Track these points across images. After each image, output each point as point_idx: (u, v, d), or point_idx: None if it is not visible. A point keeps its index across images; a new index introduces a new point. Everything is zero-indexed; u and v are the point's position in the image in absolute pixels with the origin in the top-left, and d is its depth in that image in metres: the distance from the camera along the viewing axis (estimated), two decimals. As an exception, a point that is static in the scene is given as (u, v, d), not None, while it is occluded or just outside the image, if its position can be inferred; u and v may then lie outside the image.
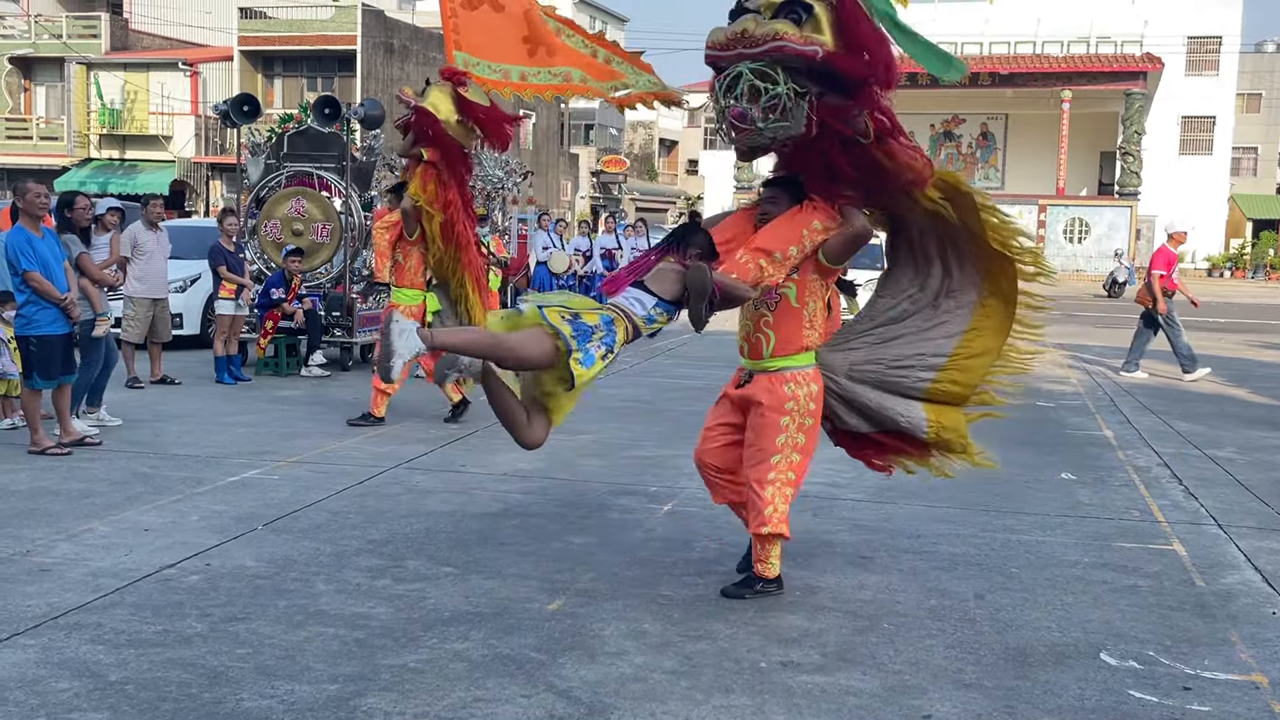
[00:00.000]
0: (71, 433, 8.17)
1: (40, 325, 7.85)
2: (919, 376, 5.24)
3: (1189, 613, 5.18)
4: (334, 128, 13.15)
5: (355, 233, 13.05)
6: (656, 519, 6.61)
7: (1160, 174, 45.58)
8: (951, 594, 5.36)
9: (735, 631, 4.76)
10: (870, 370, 5.26)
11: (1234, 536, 6.53)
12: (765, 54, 4.76)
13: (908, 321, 5.35)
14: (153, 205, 11.59)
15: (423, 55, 40.31)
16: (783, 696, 4.13)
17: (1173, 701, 4.18)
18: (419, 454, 8.20)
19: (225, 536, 5.96)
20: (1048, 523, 6.74)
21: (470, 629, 4.71)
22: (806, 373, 5.13)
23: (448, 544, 5.96)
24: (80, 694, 3.98)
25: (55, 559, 5.51)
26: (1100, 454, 8.99)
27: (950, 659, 4.54)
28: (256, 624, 4.70)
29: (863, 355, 5.30)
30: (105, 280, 9.05)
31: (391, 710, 3.91)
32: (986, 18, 46.72)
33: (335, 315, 12.76)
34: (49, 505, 6.53)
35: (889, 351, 5.29)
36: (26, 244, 7.76)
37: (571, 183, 49.78)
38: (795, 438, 5.09)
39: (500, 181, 16.25)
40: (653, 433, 9.31)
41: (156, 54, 40.10)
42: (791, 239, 4.97)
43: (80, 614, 4.76)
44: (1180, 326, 13.80)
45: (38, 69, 40.04)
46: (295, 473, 7.51)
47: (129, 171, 38.09)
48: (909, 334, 5.33)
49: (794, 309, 5.11)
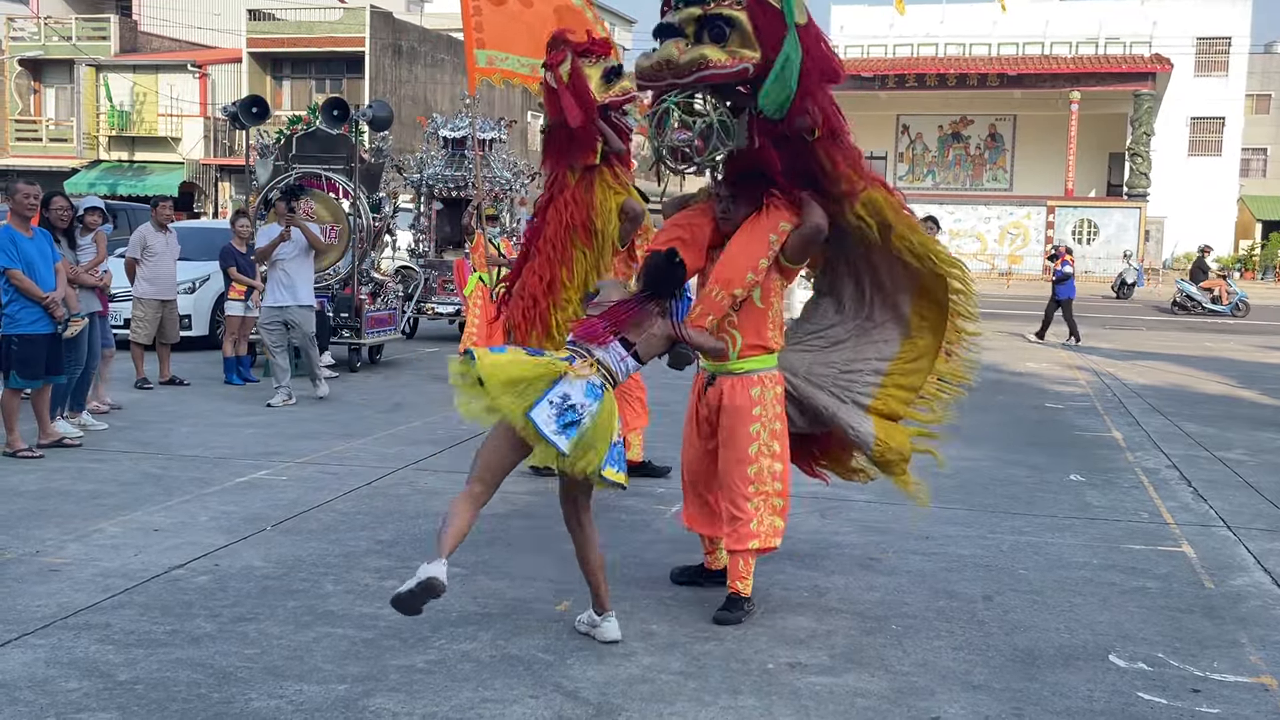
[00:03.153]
0: (50, 434, 8.17)
1: (22, 324, 7.82)
2: (868, 381, 5.23)
3: (1198, 615, 5.17)
4: (343, 129, 13.16)
5: (364, 234, 13.06)
6: (664, 520, 6.60)
7: (1169, 175, 45.46)
8: (960, 595, 5.35)
9: (743, 633, 4.76)
10: (825, 374, 5.24)
11: (1243, 538, 6.51)
12: (693, 83, 4.75)
13: (852, 325, 5.35)
14: (162, 207, 11.62)
15: (431, 57, 40.36)
16: (790, 698, 4.12)
17: (1181, 704, 4.17)
18: (427, 455, 8.21)
19: (234, 537, 5.98)
20: (1056, 524, 6.73)
21: (478, 630, 4.71)
22: (772, 374, 5.05)
23: (456, 545, 5.95)
24: (89, 694, 3.99)
25: (65, 559, 5.52)
26: (1109, 456, 8.97)
27: (959, 660, 4.53)
28: (265, 624, 4.71)
29: (815, 359, 5.28)
30: (86, 281, 8.95)
31: (400, 711, 3.92)
32: (995, 19, 46.63)
33: (344, 316, 12.78)
34: (58, 506, 6.55)
35: (840, 355, 5.29)
36: (10, 243, 7.74)
37: (579, 184, 49.73)
38: (769, 444, 4.98)
39: (508, 183, 16.24)
40: (659, 433, 9.29)
41: (165, 56, 40.21)
42: (759, 252, 4.92)
43: (89, 614, 4.77)
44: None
45: (47, 71, 40.18)
46: (304, 474, 7.52)
47: (138, 173, 38.19)
48: (854, 338, 5.32)
49: (758, 309, 5.02)
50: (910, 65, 45.19)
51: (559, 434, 4.25)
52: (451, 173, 16.12)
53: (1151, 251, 44.77)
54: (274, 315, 10.53)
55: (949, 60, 46.26)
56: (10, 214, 7.89)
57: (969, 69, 43.63)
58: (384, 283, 14.16)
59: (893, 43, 49.12)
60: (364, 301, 12.90)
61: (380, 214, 13.52)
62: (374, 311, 13.08)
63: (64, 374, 8.24)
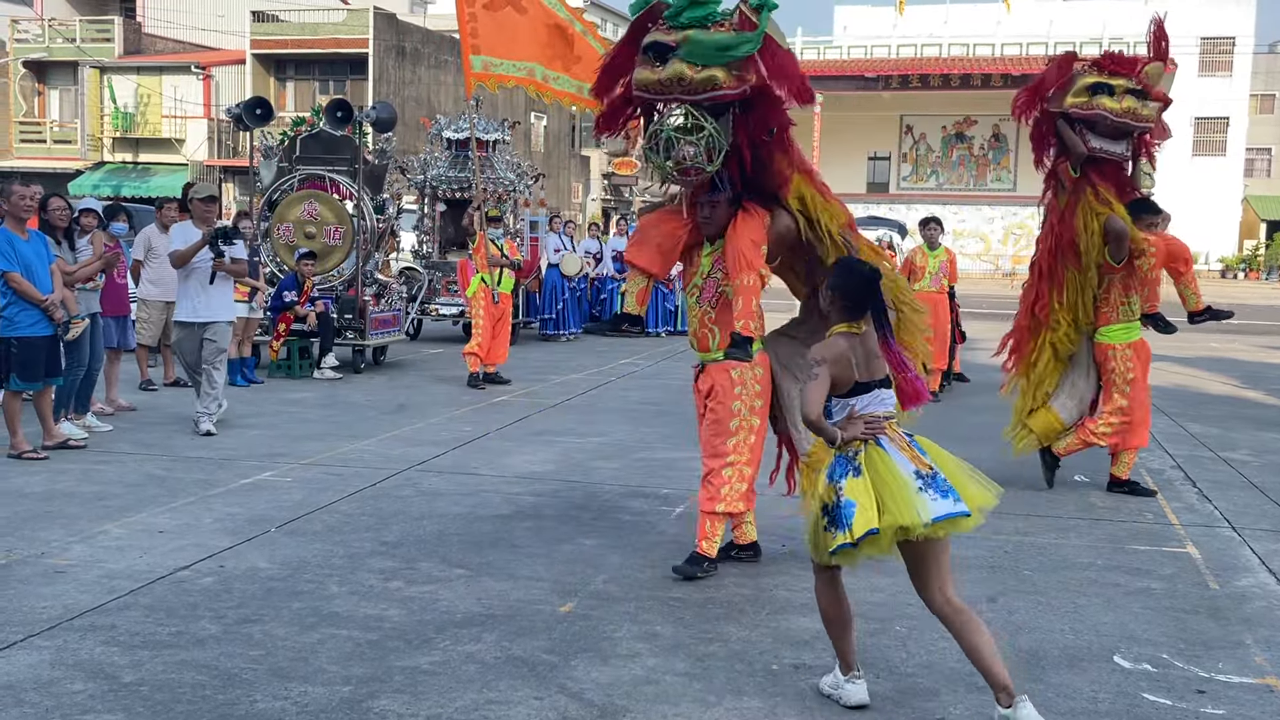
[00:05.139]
0: (54, 435, 8.18)
1: (21, 326, 7.82)
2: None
3: (1203, 616, 5.16)
4: (346, 131, 13.18)
5: (367, 235, 13.08)
6: (668, 521, 6.60)
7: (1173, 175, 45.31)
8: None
9: (747, 634, 4.76)
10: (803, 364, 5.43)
11: (1248, 539, 6.50)
12: (702, 100, 5.21)
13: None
14: (167, 209, 11.62)
15: (434, 58, 40.41)
16: (795, 699, 4.12)
17: (1186, 705, 4.16)
18: (431, 456, 8.22)
19: (239, 539, 5.98)
20: (1061, 525, 6.72)
21: (483, 631, 4.71)
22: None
23: (460, 546, 5.97)
24: (94, 695, 4.00)
25: (70, 561, 5.53)
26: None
27: (963, 662, 4.52)
28: (270, 626, 4.71)
29: (795, 349, 5.64)
30: (80, 278, 8.91)
31: (404, 712, 3.92)
32: (998, 19, 46.64)
33: (348, 318, 12.79)
34: (63, 507, 6.56)
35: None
36: (8, 245, 7.73)
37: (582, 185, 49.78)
38: (749, 420, 5.47)
39: (512, 184, 16.25)
40: (664, 435, 9.31)
41: (169, 57, 40.27)
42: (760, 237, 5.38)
43: (95, 615, 4.78)
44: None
45: (51, 73, 40.25)
46: (308, 475, 7.53)
47: (142, 175, 38.26)
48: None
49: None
50: (914, 65, 45.15)
51: (956, 502, 3.78)
52: (455, 174, 16.14)
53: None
54: (188, 332, 9.13)
55: (953, 60, 46.22)
56: (7, 216, 7.87)
57: (973, 69, 43.57)
58: (388, 284, 14.18)
59: (896, 43, 49.10)
60: (368, 303, 12.92)
61: (384, 215, 13.53)
62: (378, 313, 13.09)
63: (62, 376, 8.24)
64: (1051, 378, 7.71)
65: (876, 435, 3.87)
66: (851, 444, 3.87)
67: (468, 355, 11.86)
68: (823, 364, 3.90)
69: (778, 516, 6.57)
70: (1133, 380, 7.48)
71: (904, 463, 3.82)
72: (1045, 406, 7.70)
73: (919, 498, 3.73)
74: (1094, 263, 7.45)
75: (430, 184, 16.33)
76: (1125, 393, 7.47)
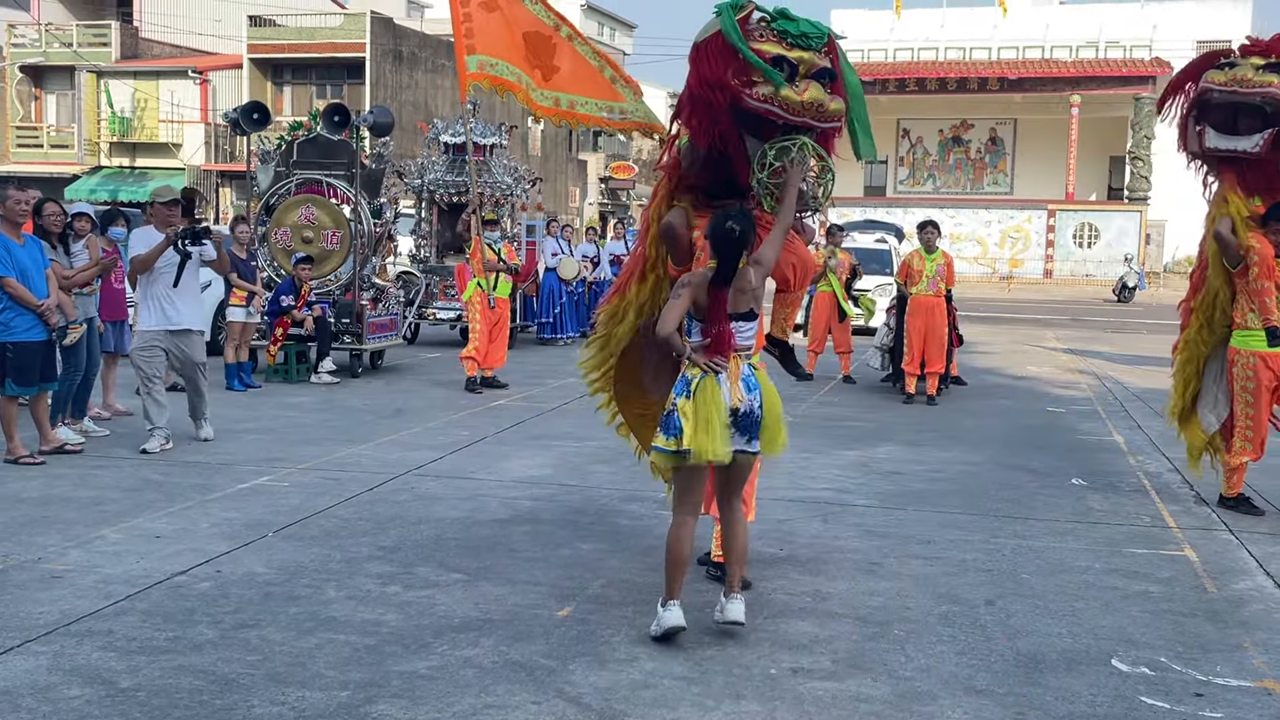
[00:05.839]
0: (52, 440, 8.17)
1: (17, 331, 7.79)
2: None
3: (1201, 619, 5.17)
4: (343, 135, 13.18)
5: (365, 240, 13.07)
6: (666, 525, 6.58)
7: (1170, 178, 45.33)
8: (962, 600, 5.34)
9: (745, 638, 4.76)
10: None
11: (1245, 542, 6.50)
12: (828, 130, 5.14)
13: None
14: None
15: (431, 62, 40.45)
16: (793, 703, 4.12)
17: (1185, 708, 4.16)
18: (429, 460, 8.21)
19: (236, 543, 5.98)
20: (1059, 529, 6.72)
21: (480, 635, 4.71)
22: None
23: (458, 550, 5.96)
24: (91, 701, 3.99)
25: (66, 566, 5.52)
26: (1111, 459, 8.97)
27: (961, 665, 4.53)
28: (267, 631, 4.71)
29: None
30: (78, 283, 8.89)
31: (402, 717, 3.91)
32: (995, 23, 46.68)
33: (345, 322, 12.78)
34: (60, 512, 6.55)
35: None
36: (3, 250, 7.70)
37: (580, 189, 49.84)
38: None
39: (509, 188, 16.26)
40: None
41: (166, 62, 40.29)
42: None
43: (91, 621, 4.77)
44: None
45: (48, 77, 40.26)
46: (305, 479, 7.52)
47: (139, 179, 38.25)
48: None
49: None
50: (911, 69, 45.19)
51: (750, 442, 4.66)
52: (452, 178, 16.15)
53: (1152, 255, 44.71)
54: (151, 341, 8.52)
55: (949, 64, 46.29)
56: (2, 221, 7.85)
57: (969, 73, 43.64)
58: (385, 288, 14.17)
59: (893, 47, 49.16)
60: (365, 307, 12.91)
61: (381, 220, 13.53)
62: (375, 317, 13.09)
63: (58, 381, 8.22)
64: (1194, 380, 7.53)
65: (714, 370, 4.58)
66: (694, 368, 4.60)
67: (465, 359, 11.85)
68: (685, 287, 4.62)
69: (775, 521, 6.58)
70: (1253, 390, 7.15)
71: (727, 398, 4.57)
72: (1193, 416, 7.55)
73: (724, 433, 4.55)
74: (1218, 266, 7.25)
75: (427, 188, 16.33)
76: (1247, 401, 7.17)
